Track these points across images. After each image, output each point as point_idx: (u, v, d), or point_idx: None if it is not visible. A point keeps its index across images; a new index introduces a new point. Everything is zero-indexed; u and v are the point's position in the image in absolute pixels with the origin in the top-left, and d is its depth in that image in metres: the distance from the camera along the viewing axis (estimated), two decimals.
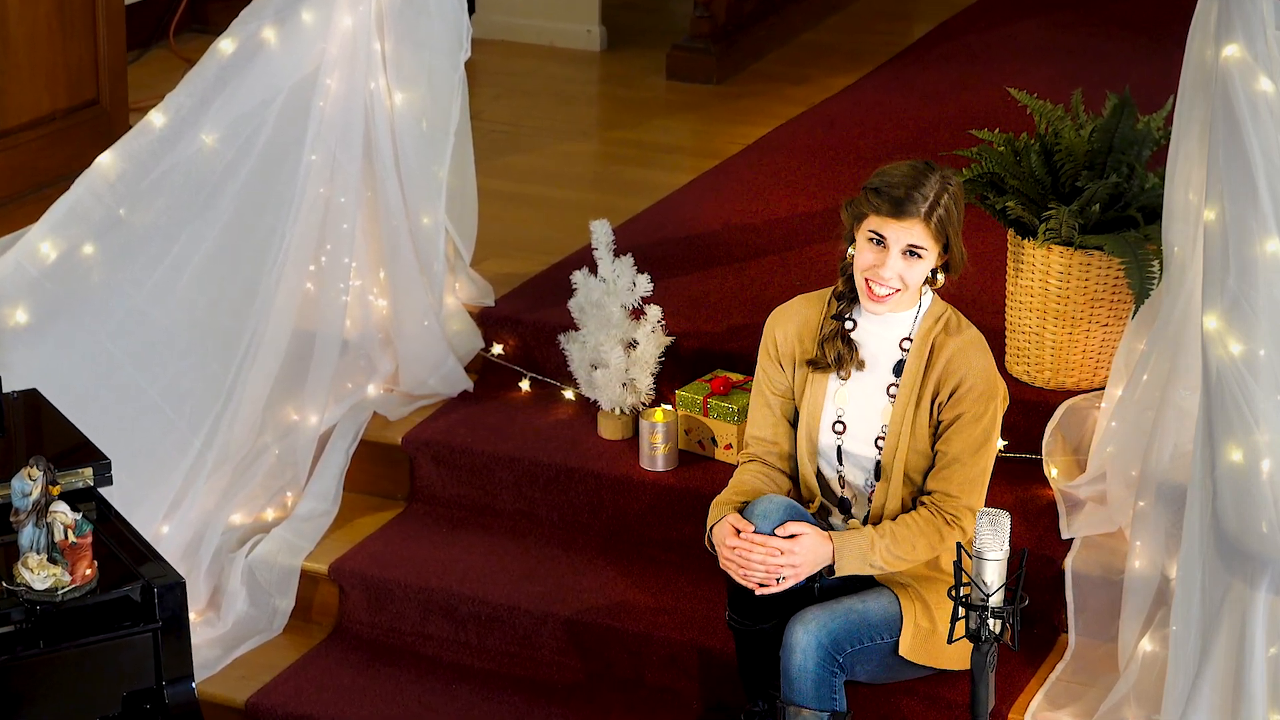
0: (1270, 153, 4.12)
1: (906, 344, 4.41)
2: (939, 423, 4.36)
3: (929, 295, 4.41)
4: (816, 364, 4.42)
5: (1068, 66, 7.30)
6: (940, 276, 4.38)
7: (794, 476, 4.53)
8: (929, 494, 4.38)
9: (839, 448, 4.45)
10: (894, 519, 4.37)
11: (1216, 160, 4.16)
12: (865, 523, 4.45)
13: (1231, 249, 4.10)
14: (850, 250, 4.38)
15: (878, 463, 4.42)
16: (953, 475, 4.34)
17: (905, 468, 4.38)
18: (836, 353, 4.41)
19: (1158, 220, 4.70)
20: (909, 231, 4.27)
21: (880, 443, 4.41)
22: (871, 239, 4.31)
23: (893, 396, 4.40)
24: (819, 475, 4.49)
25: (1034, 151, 5.02)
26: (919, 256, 4.30)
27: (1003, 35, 7.80)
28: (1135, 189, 4.94)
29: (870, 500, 4.44)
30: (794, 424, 4.50)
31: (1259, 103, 4.14)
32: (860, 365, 4.41)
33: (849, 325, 4.43)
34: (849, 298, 4.43)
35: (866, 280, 4.33)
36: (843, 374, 4.42)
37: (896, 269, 4.29)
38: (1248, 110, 4.13)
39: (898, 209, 4.26)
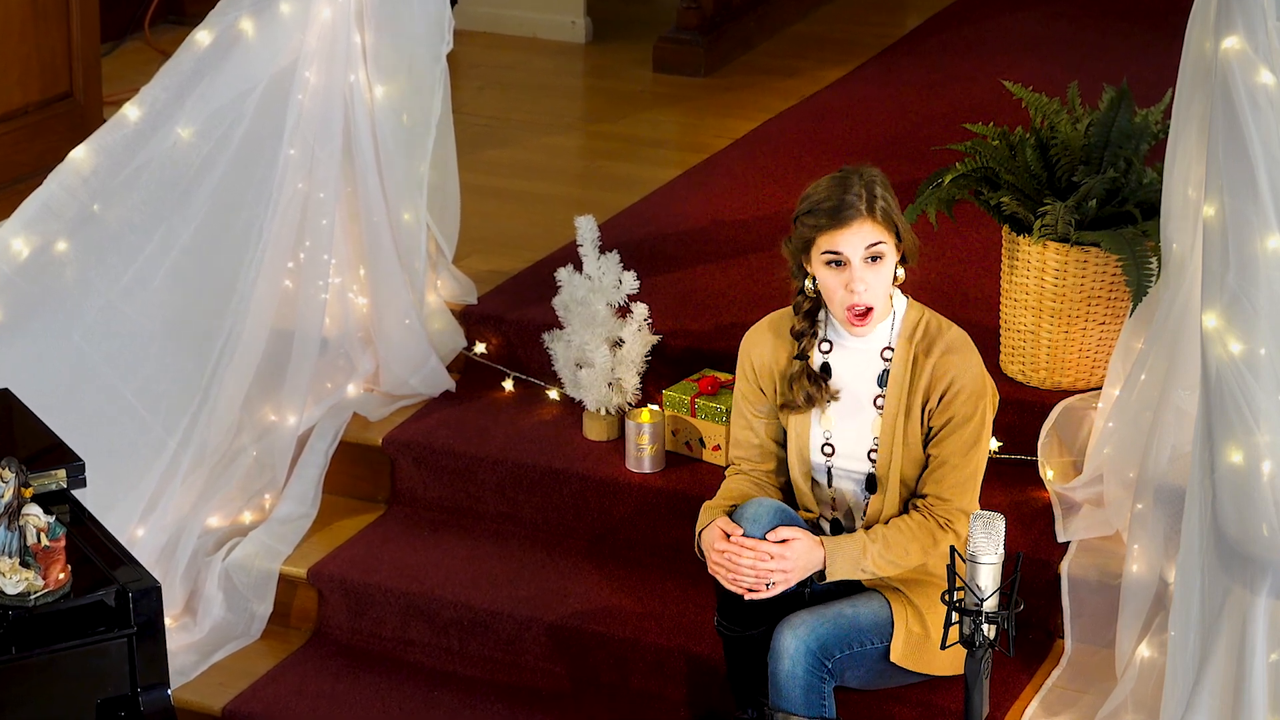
0: (1271, 147, 4.13)
1: (888, 353, 4.36)
2: (929, 429, 4.33)
3: (901, 300, 4.38)
4: (788, 406, 4.36)
5: (1064, 59, 7.29)
6: (901, 271, 4.33)
7: (782, 488, 4.50)
8: (922, 497, 4.36)
9: (829, 468, 4.41)
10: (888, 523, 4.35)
11: (1216, 155, 4.17)
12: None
13: (1231, 245, 4.09)
14: (808, 285, 4.32)
15: (870, 475, 4.38)
16: (945, 478, 4.33)
17: (901, 477, 4.36)
18: (805, 393, 4.36)
19: (1156, 216, 4.71)
20: (860, 233, 4.23)
21: (873, 455, 4.37)
22: (829, 262, 4.25)
23: (880, 408, 4.35)
24: (813, 488, 4.46)
25: (1029, 146, 5.00)
26: (881, 256, 4.24)
27: (997, 27, 7.80)
28: (1133, 184, 4.93)
29: (865, 511, 4.41)
30: (780, 442, 4.46)
31: (1259, 96, 4.14)
32: (834, 396, 4.35)
33: (824, 349, 4.38)
34: (809, 334, 4.37)
35: (845, 308, 4.27)
36: (819, 408, 4.36)
37: (865, 278, 4.24)
38: (1248, 103, 4.14)
39: (839, 217, 4.22)
